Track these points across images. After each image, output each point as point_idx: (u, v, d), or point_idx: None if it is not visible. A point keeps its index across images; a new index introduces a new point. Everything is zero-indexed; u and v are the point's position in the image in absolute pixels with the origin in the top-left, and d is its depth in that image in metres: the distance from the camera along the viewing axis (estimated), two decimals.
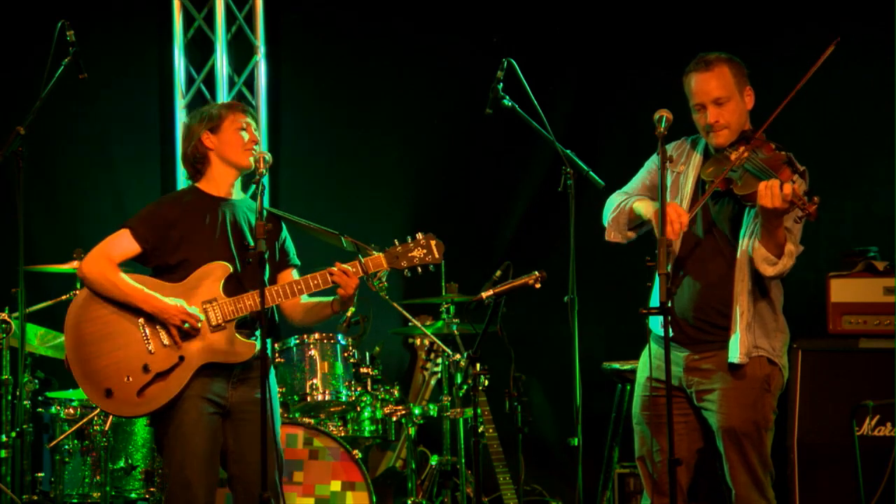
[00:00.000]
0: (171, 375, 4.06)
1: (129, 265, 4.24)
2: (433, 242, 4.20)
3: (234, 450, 4.17)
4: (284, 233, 4.39)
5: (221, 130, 4.21)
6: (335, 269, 4.11)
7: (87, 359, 4.10)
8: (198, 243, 4.14)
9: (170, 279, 4.14)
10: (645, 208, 4.11)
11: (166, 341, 4.08)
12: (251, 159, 4.21)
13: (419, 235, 4.20)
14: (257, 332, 4.16)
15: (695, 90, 4.05)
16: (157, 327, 4.09)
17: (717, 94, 4.01)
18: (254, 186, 4.05)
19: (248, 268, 4.15)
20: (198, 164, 4.26)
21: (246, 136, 4.23)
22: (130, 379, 4.06)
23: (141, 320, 4.09)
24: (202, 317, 4.09)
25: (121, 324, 4.10)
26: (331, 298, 4.23)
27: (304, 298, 4.27)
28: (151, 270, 4.22)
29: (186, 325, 4.05)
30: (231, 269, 4.14)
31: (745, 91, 4.06)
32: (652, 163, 4.27)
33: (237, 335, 4.12)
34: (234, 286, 4.15)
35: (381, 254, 4.17)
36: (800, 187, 3.85)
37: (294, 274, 4.34)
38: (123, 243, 4.15)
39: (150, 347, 4.08)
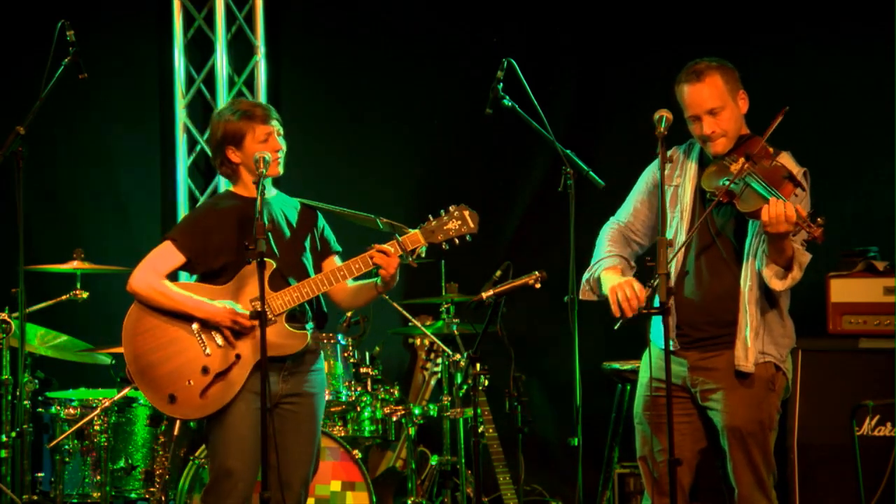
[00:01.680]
0: (229, 374, 4.12)
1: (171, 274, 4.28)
2: (466, 213, 4.22)
3: (275, 439, 4.16)
4: (322, 222, 4.43)
5: (245, 146, 4.23)
6: (374, 250, 4.15)
7: (147, 369, 4.16)
8: (239, 245, 4.16)
9: (216, 283, 4.21)
10: (608, 281, 4.06)
11: (221, 342, 4.14)
12: (280, 167, 4.28)
13: (452, 207, 4.22)
14: (308, 325, 4.25)
15: (688, 102, 4.00)
16: (211, 330, 4.15)
17: (711, 104, 3.96)
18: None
19: (291, 263, 4.22)
20: (230, 177, 4.34)
21: (266, 146, 4.23)
22: (192, 382, 4.12)
23: (194, 325, 4.15)
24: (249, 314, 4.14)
25: (175, 331, 4.16)
26: (372, 280, 4.27)
27: (350, 282, 4.31)
28: (198, 277, 4.28)
29: (237, 325, 4.11)
30: (274, 265, 4.18)
31: (738, 96, 4.03)
32: (643, 182, 4.23)
33: (288, 327, 4.17)
34: (279, 280, 4.20)
35: (417, 230, 4.20)
36: (804, 208, 3.82)
37: (337, 260, 4.38)
38: (168, 255, 4.21)
39: (206, 350, 4.14)
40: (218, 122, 4.29)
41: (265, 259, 4.03)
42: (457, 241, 4.21)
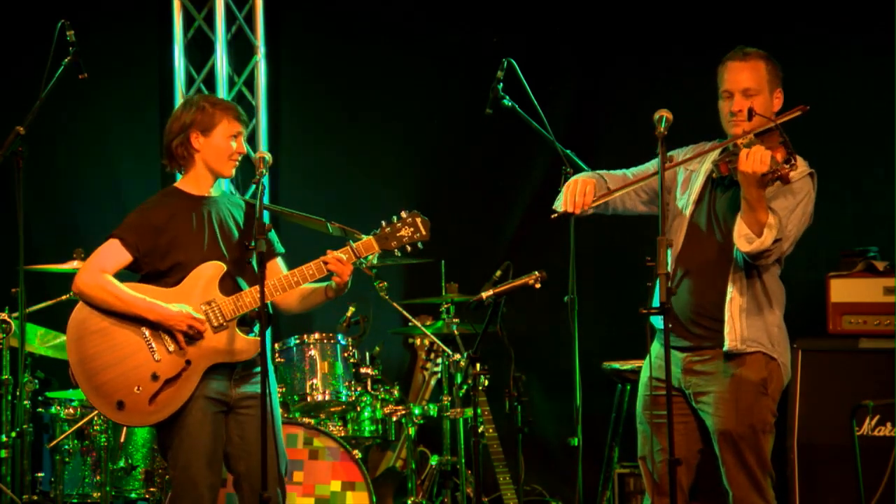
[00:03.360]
0: (179, 380, 4.05)
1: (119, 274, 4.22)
2: (419, 220, 4.19)
3: (238, 446, 4.16)
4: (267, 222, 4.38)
5: (212, 135, 4.17)
6: (329, 257, 4.11)
7: (94, 373, 4.08)
8: (188, 245, 4.11)
9: (164, 284, 4.12)
10: (572, 178, 4.11)
11: (171, 347, 4.06)
12: (234, 170, 4.22)
13: (403, 214, 4.19)
14: (255, 328, 4.16)
15: (727, 77, 4.06)
16: (161, 334, 4.07)
17: (748, 84, 4.02)
18: (253, 187, 4.06)
19: (240, 264, 4.15)
20: (181, 161, 4.21)
21: (234, 146, 4.20)
22: (140, 389, 4.04)
23: (143, 329, 4.07)
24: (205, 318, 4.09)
25: (123, 334, 4.07)
26: (323, 285, 4.22)
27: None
28: (141, 277, 4.18)
29: (193, 331, 4.04)
30: (225, 268, 4.13)
31: (775, 92, 4.08)
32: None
33: (239, 333, 4.11)
34: (229, 284, 4.14)
35: (370, 237, 4.17)
36: (781, 155, 3.82)
37: (280, 262, 4.32)
38: (115, 254, 4.11)
39: (155, 356, 4.06)
40: (189, 107, 4.20)
41: (214, 261, 4.02)
42: (409, 247, 4.18)
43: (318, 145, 6.99)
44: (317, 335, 5.49)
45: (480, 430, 4.95)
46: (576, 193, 4.00)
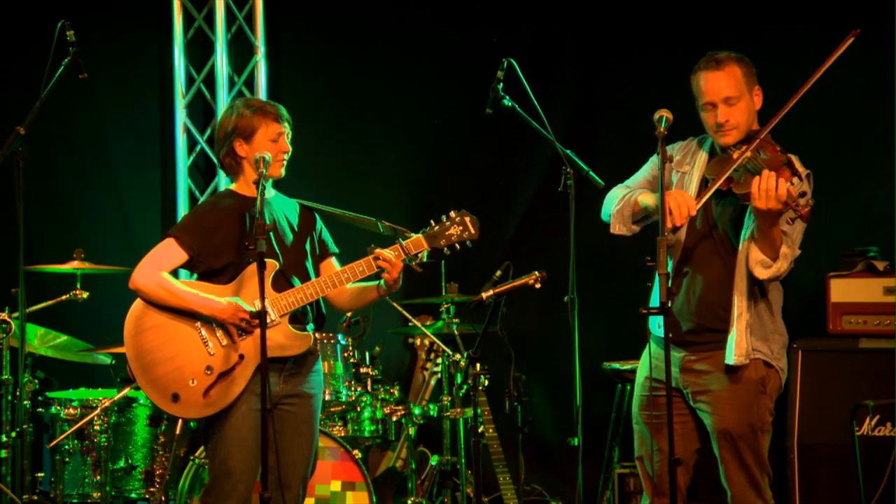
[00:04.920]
0: (233, 374, 4.11)
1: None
2: (467, 219, 4.24)
3: (272, 440, 4.17)
4: (319, 224, 4.43)
5: (254, 141, 4.22)
6: (379, 253, 4.16)
7: (150, 367, 4.13)
8: (240, 245, 4.15)
9: (218, 282, 4.19)
10: (651, 200, 4.08)
11: (225, 341, 4.13)
12: (283, 169, 4.28)
13: (452, 213, 4.24)
14: (310, 325, 4.26)
15: (705, 89, 4.02)
16: (215, 328, 4.13)
17: (728, 93, 3.99)
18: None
19: (294, 264, 4.22)
20: (231, 170, 4.31)
21: (276, 145, 4.25)
22: (195, 382, 4.10)
23: (198, 324, 4.14)
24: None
25: (179, 329, 4.14)
26: (374, 283, 4.28)
27: (350, 285, 4.30)
28: (198, 276, 4.25)
29: (244, 323, 4.09)
30: (277, 266, 4.18)
31: (753, 91, 4.05)
32: (652, 162, 4.27)
33: (291, 328, 4.17)
34: (282, 282, 4.20)
35: (420, 235, 4.22)
36: (795, 189, 3.84)
37: (334, 262, 4.38)
38: (170, 252, 4.18)
39: (210, 349, 4.12)
40: (230, 113, 4.27)
41: (267, 259, 4.04)
42: (457, 246, 4.23)
43: (318, 145, 6.98)
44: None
45: (480, 430, 4.95)
46: (679, 205, 3.87)
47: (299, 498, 4.22)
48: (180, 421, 5.36)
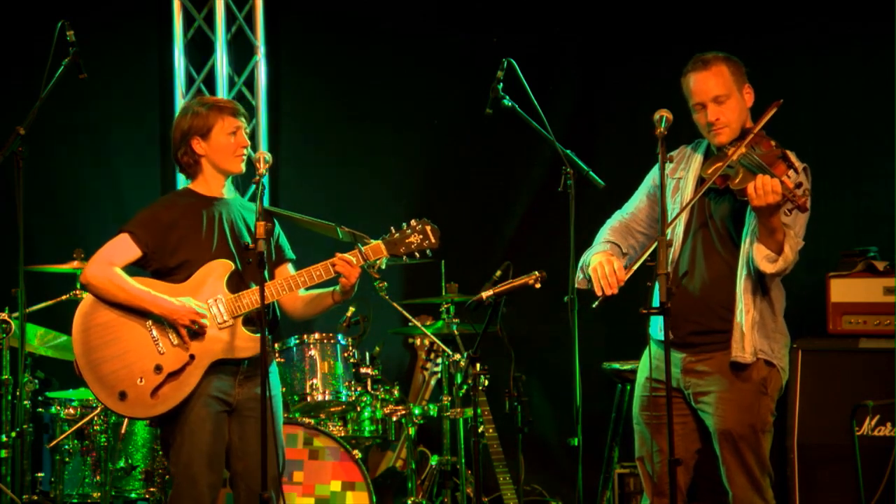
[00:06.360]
0: (183, 374, 4.09)
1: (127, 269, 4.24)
2: (428, 228, 4.24)
3: (238, 447, 4.19)
4: (277, 229, 4.41)
5: (211, 137, 4.21)
6: (337, 259, 4.14)
7: (98, 364, 4.11)
8: (197, 243, 4.15)
9: (171, 280, 4.16)
10: (592, 262, 4.05)
11: (175, 341, 4.10)
12: (242, 164, 4.24)
13: (413, 221, 4.23)
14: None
15: (694, 90, 4.05)
16: (166, 328, 4.10)
17: (717, 91, 4.01)
18: (253, 187, 4.07)
19: (249, 264, 4.17)
20: (190, 169, 4.28)
21: (234, 140, 4.22)
22: (143, 381, 4.08)
23: (149, 322, 4.11)
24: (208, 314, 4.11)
25: (129, 327, 4.11)
26: (329, 289, 4.25)
27: (302, 291, 4.28)
28: (150, 273, 4.22)
29: (195, 325, 4.06)
30: (233, 267, 4.17)
31: (743, 89, 4.06)
32: (648, 178, 4.28)
33: (243, 330, 4.14)
34: (236, 283, 4.17)
35: (379, 241, 4.21)
36: (791, 180, 3.83)
37: (290, 268, 4.36)
38: (124, 248, 4.16)
39: (160, 348, 4.10)
40: (185, 113, 4.26)
41: (222, 260, 4.03)
42: (417, 254, 4.22)
43: (318, 145, 6.99)
44: (317, 335, 5.49)
45: (480, 430, 4.95)
46: (607, 276, 3.95)
47: (273, 499, 4.12)
48: None
